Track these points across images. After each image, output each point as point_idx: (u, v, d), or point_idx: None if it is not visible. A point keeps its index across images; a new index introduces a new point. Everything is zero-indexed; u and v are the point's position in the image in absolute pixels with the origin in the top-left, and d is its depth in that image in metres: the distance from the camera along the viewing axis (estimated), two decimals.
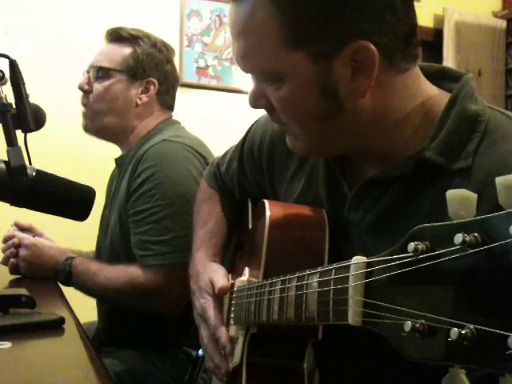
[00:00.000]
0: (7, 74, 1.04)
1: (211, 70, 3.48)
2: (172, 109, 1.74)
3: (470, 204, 0.44)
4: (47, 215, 1.10)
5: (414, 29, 0.78)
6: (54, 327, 0.96)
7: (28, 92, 1.07)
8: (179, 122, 1.73)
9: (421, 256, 0.46)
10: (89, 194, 1.12)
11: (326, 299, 0.63)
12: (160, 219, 1.45)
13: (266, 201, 0.98)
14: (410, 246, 0.47)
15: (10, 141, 1.01)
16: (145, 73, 1.64)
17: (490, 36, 4.19)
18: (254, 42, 0.77)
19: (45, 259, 1.52)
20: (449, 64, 3.94)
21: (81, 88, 1.65)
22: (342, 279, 0.60)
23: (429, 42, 4.05)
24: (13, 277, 1.54)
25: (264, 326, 0.88)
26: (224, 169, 1.24)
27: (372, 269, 0.55)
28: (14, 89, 1.05)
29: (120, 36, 1.65)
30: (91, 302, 1.63)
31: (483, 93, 4.01)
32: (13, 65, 1.06)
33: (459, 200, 0.44)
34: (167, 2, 3.39)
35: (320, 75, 0.75)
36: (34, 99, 1.08)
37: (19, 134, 1.04)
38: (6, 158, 1.01)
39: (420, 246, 0.46)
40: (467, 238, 0.41)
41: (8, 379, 0.71)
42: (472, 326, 0.40)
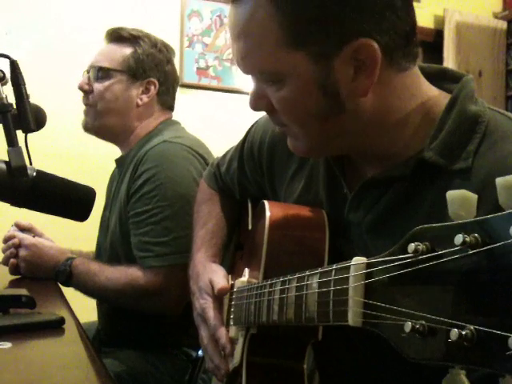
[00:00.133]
0: (8, 75, 1.04)
1: (212, 71, 3.48)
2: (172, 109, 1.74)
3: (470, 205, 0.44)
4: (47, 215, 1.10)
5: (413, 27, 0.78)
6: (54, 327, 0.96)
7: (28, 92, 1.07)
8: (179, 123, 1.73)
9: (421, 257, 0.46)
10: (89, 194, 1.12)
11: (326, 300, 0.63)
12: (160, 220, 1.45)
13: (265, 201, 0.98)
14: (411, 246, 0.47)
15: (11, 141, 1.01)
16: (145, 73, 1.64)
17: (490, 37, 4.19)
18: (254, 42, 0.77)
19: (45, 259, 1.52)
20: (449, 65, 3.93)
21: (81, 88, 1.65)
22: (342, 280, 0.60)
23: (429, 42, 4.05)
24: (13, 277, 1.54)
25: (264, 327, 0.88)
26: (224, 169, 1.24)
27: (372, 269, 0.54)
28: (14, 89, 1.05)
29: (120, 36, 1.65)
30: (91, 302, 1.63)
31: (483, 94, 4.01)
32: (13, 65, 1.05)
33: (459, 200, 0.44)
34: (167, 3, 3.40)
35: (321, 75, 0.75)
36: (34, 99, 1.08)
37: (20, 134, 1.04)
38: (7, 159, 1.01)
39: (420, 246, 0.46)
40: (467, 239, 0.41)
41: (8, 379, 0.71)
42: (472, 327, 0.40)
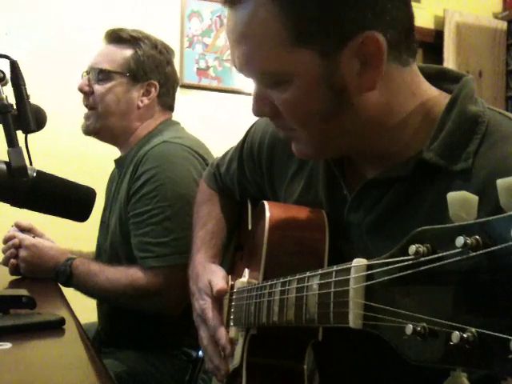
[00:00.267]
0: (8, 75, 1.05)
1: (212, 71, 3.48)
2: (172, 109, 1.74)
3: (471, 206, 0.44)
4: (48, 216, 1.10)
5: (412, 21, 0.78)
6: (55, 328, 0.96)
7: (28, 92, 1.07)
8: (179, 123, 1.73)
9: (422, 259, 0.46)
10: (89, 194, 1.12)
11: (327, 301, 0.63)
12: (161, 221, 1.45)
13: (265, 202, 0.98)
14: (411, 248, 0.47)
15: (11, 141, 1.01)
16: (146, 75, 1.63)
17: (490, 37, 4.19)
18: (257, 44, 0.76)
19: (45, 260, 1.52)
20: (449, 65, 3.93)
21: (81, 90, 1.65)
22: (342, 281, 0.60)
23: (429, 43, 4.05)
24: (13, 277, 1.54)
25: (264, 328, 0.88)
26: (224, 169, 1.24)
27: (373, 271, 0.54)
28: (14, 89, 1.05)
29: (120, 37, 1.65)
30: (91, 302, 1.63)
31: (484, 94, 4.01)
32: (13, 65, 1.06)
33: (460, 202, 0.44)
34: (168, 3, 3.39)
35: (328, 71, 0.74)
36: (34, 99, 1.08)
37: (20, 134, 1.04)
38: (7, 159, 1.01)
39: (421, 248, 0.46)
40: (468, 241, 0.40)
41: (8, 380, 0.71)
42: (473, 330, 0.40)
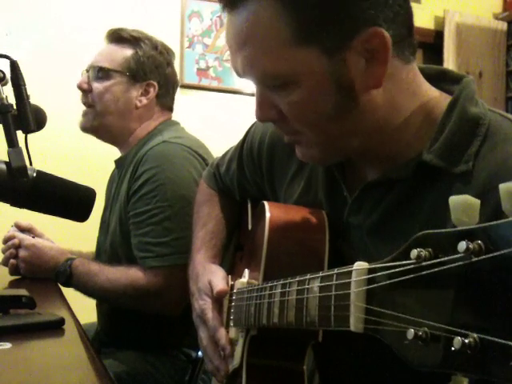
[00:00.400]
0: (8, 75, 1.04)
1: (212, 71, 3.48)
2: (172, 110, 1.74)
3: (473, 210, 0.43)
4: (48, 216, 1.10)
5: (412, 17, 0.78)
6: (54, 328, 0.96)
7: (28, 92, 1.07)
8: (179, 123, 1.73)
9: (424, 263, 0.46)
10: (89, 194, 1.12)
11: (328, 304, 0.63)
12: (161, 221, 1.45)
13: (265, 202, 0.98)
14: (413, 252, 0.47)
15: (11, 142, 1.01)
16: (145, 75, 1.64)
17: (490, 38, 4.19)
18: (262, 46, 0.75)
19: (45, 260, 1.52)
20: (449, 66, 3.94)
21: (80, 87, 1.65)
22: (343, 285, 0.59)
23: (429, 43, 4.06)
24: (13, 277, 1.54)
25: (264, 328, 0.88)
26: (224, 169, 1.24)
27: (374, 275, 0.54)
28: (14, 89, 1.05)
29: (121, 37, 1.65)
30: (91, 302, 1.63)
31: (484, 95, 4.01)
32: (14, 65, 1.05)
33: (462, 206, 0.44)
34: (168, 3, 3.39)
35: (335, 69, 0.74)
36: (34, 100, 1.08)
37: (20, 134, 1.04)
38: (7, 159, 1.01)
39: (423, 252, 0.46)
40: (471, 246, 0.40)
41: (8, 380, 0.71)
42: (475, 335, 0.40)
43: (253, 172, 1.14)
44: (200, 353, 1.48)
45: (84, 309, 1.49)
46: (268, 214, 0.94)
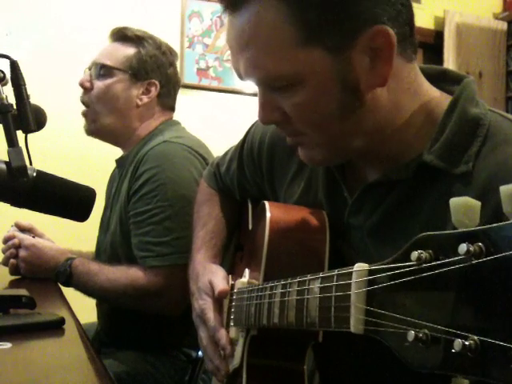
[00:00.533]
0: (8, 75, 1.04)
1: (212, 72, 3.48)
2: (173, 110, 1.74)
3: (473, 212, 0.43)
4: (47, 216, 1.10)
5: (413, 15, 0.78)
6: (54, 328, 0.96)
7: (28, 92, 1.07)
8: (180, 123, 1.73)
9: (424, 265, 0.46)
10: (89, 194, 1.12)
11: (328, 305, 0.63)
12: (161, 220, 1.45)
13: (266, 202, 0.98)
14: (414, 254, 0.47)
15: (11, 141, 1.01)
16: (147, 74, 1.64)
17: (490, 38, 4.19)
18: (266, 47, 0.74)
19: (45, 260, 1.52)
20: (449, 66, 3.94)
21: (81, 85, 1.65)
22: (344, 286, 0.59)
23: (429, 43, 4.05)
24: (13, 277, 1.54)
25: (264, 329, 0.88)
26: (224, 169, 1.24)
27: (374, 276, 0.54)
28: (14, 89, 1.05)
29: (125, 36, 1.65)
30: (91, 302, 1.63)
31: (484, 95, 4.01)
32: (14, 65, 1.05)
33: (463, 208, 0.44)
34: (168, 3, 3.39)
35: (340, 68, 0.73)
36: (34, 99, 1.08)
37: (20, 134, 1.04)
38: (7, 159, 1.01)
39: (423, 254, 0.46)
40: (471, 248, 0.40)
41: (8, 380, 0.71)
42: (476, 337, 0.40)
43: (253, 172, 1.14)
44: (200, 353, 1.48)
45: (84, 309, 1.49)
46: (268, 214, 0.94)
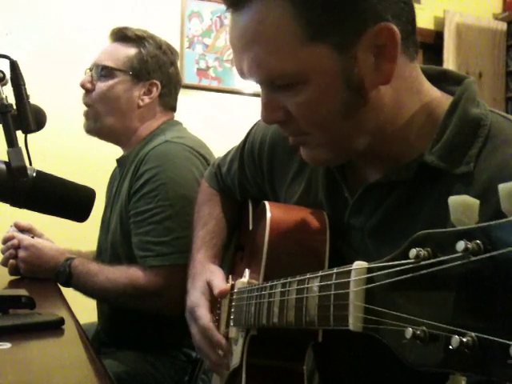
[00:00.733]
0: (8, 75, 1.04)
1: (212, 72, 3.48)
2: (174, 110, 1.74)
3: (472, 210, 0.44)
4: (47, 216, 1.10)
5: (414, 13, 0.78)
6: (54, 328, 0.96)
7: (28, 92, 1.07)
8: (181, 123, 1.73)
9: (422, 262, 0.46)
10: (89, 194, 1.12)
11: (327, 304, 0.63)
12: (162, 220, 1.45)
13: (266, 202, 0.98)
14: (412, 252, 0.47)
15: (11, 141, 1.01)
16: (148, 74, 1.63)
17: (490, 38, 4.20)
18: (271, 45, 0.73)
19: (44, 260, 1.52)
20: (449, 66, 3.94)
21: (83, 86, 1.64)
22: (342, 284, 0.59)
23: (429, 44, 4.06)
24: (12, 277, 1.54)
25: (264, 328, 0.88)
26: (225, 169, 1.24)
27: (373, 274, 0.54)
28: (14, 89, 1.05)
29: (125, 36, 1.65)
30: (91, 302, 1.63)
31: (483, 95, 4.01)
32: (13, 65, 1.06)
33: (461, 206, 0.44)
34: (168, 3, 3.39)
35: (345, 66, 0.73)
36: (34, 99, 1.08)
37: (19, 134, 1.04)
38: (7, 159, 1.00)
39: (422, 252, 0.46)
40: (469, 246, 0.40)
41: (7, 380, 0.71)
42: (473, 334, 0.40)
43: (254, 172, 1.14)
44: None
45: (84, 309, 1.49)
46: (269, 214, 0.94)
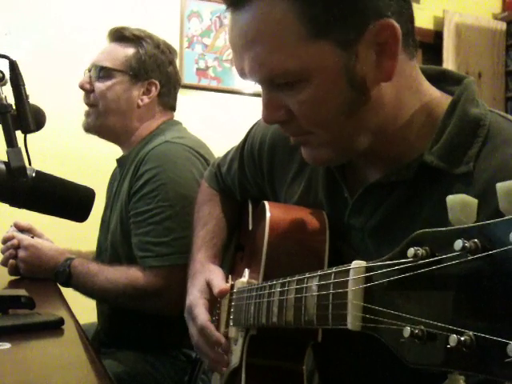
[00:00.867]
0: (7, 75, 1.04)
1: (211, 72, 3.48)
2: (174, 109, 1.74)
3: (470, 209, 0.44)
4: (47, 216, 1.10)
5: (413, 13, 0.78)
6: (54, 328, 0.96)
7: (28, 92, 1.07)
8: (181, 123, 1.73)
9: (420, 261, 0.46)
10: (88, 194, 1.12)
11: (326, 303, 0.63)
12: (161, 220, 1.45)
13: (266, 202, 0.98)
14: (410, 251, 0.47)
15: (10, 142, 1.01)
16: (147, 74, 1.63)
17: (490, 38, 4.20)
18: (274, 43, 0.73)
19: (44, 260, 1.52)
20: (449, 66, 3.94)
21: (81, 87, 1.65)
22: (341, 283, 0.60)
23: (429, 44, 4.05)
24: (12, 277, 1.54)
25: (263, 328, 0.88)
26: (225, 169, 1.24)
27: (371, 273, 0.54)
28: (14, 89, 1.05)
29: (123, 36, 1.65)
30: (91, 302, 1.63)
31: (483, 95, 4.01)
32: (13, 65, 1.06)
33: (460, 205, 0.44)
34: (167, 3, 3.39)
35: (347, 63, 0.73)
36: (33, 100, 1.08)
37: (19, 134, 1.04)
38: (6, 159, 1.01)
39: (420, 251, 0.46)
40: (467, 244, 0.40)
41: (7, 380, 0.71)
42: (471, 333, 0.40)
43: (253, 172, 1.14)
44: None
45: (84, 309, 1.49)
46: (268, 214, 0.94)
